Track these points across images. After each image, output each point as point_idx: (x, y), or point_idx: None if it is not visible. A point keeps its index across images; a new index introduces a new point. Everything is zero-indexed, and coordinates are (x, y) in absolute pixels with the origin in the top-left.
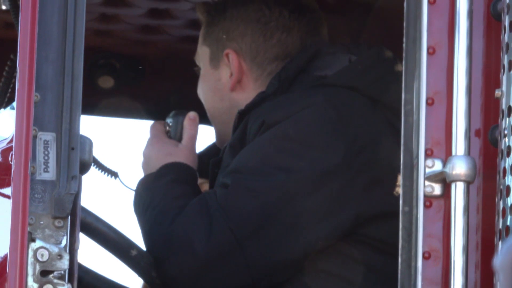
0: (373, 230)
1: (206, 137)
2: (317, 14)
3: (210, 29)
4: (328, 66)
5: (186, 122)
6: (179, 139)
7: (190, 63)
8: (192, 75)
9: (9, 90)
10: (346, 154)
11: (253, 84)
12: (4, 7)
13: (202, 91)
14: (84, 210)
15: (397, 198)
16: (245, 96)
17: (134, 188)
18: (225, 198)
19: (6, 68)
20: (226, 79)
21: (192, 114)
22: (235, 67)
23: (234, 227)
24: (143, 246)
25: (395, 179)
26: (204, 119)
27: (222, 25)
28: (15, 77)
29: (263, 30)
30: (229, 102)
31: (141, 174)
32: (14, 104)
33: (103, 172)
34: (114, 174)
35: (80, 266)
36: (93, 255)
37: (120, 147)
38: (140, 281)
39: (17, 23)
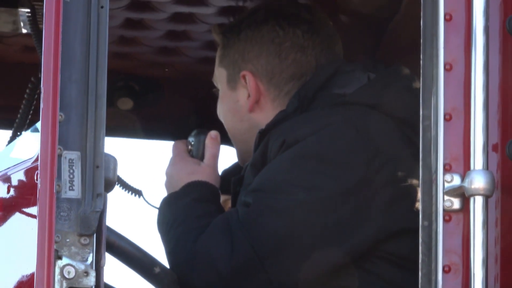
0: (394, 246)
1: (227, 156)
2: (331, 32)
3: (226, 51)
4: (347, 84)
5: (208, 141)
6: (201, 157)
7: (208, 84)
8: (210, 96)
9: (31, 112)
10: (367, 172)
11: (271, 104)
12: (25, 31)
13: (222, 112)
14: (108, 228)
15: (417, 214)
16: (264, 116)
17: (158, 206)
18: (247, 216)
19: (27, 90)
20: (244, 100)
21: (213, 133)
22: (252, 89)
23: (256, 246)
24: (166, 264)
25: (415, 195)
26: (224, 138)
27: (237, 47)
28: (36, 100)
29: (278, 50)
30: (249, 123)
31: (164, 193)
32: (37, 125)
33: (127, 191)
34: (138, 192)
35: (106, 285)
36: (117, 274)
37: (143, 167)
38: None
39: (39, 45)
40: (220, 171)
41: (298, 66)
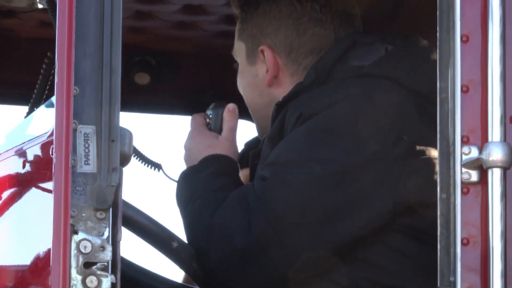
0: (412, 219)
1: (245, 130)
2: (349, 5)
3: (244, 25)
4: (364, 56)
5: (226, 114)
6: (219, 131)
7: (225, 58)
8: (227, 70)
9: (47, 87)
10: (383, 145)
11: (290, 79)
12: (41, 6)
13: (242, 87)
14: (125, 203)
15: (434, 187)
16: (283, 90)
17: (177, 179)
18: (263, 190)
19: (44, 66)
20: (263, 75)
21: (231, 106)
22: (270, 63)
23: (273, 220)
24: (184, 239)
25: (433, 168)
26: (243, 112)
27: (255, 21)
28: (52, 75)
29: (296, 25)
30: (268, 97)
31: (183, 167)
32: (52, 99)
33: (146, 164)
34: (157, 166)
35: (123, 260)
36: (135, 248)
37: (162, 142)
38: (181, 274)
39: (54, 20)
40: (239, 145)
41: (316, 41)
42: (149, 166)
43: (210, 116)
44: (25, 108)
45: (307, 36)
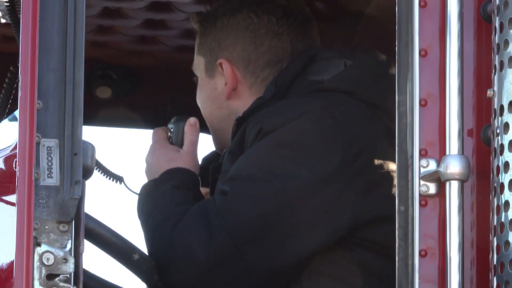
0: (371, 233)
1: (206, 144)
2: (307, 18)
3: (203, 39)
4: (324, 70)
5: (187, 128)
6: (181, 144)
7: (186, 72)
8: (188, 84)
9: (10, 101)
10: (343, 160)
11: (248, 91)
12: (3, 20)
13: (200, 100)
14: (87, 216)
15: (393, 201)
16: (242, 103)
17: (138, 192)
18: (223, 205)
19: (7, 80)
20: (221, 88)
21: (192, 120)
22: (229, 76)
23: (233, 234)
24: (145, 251)
25: (391, 182)
26: (203, 127)
27: (213, 35)
28: (15, 89)
29: (253, 37)
30: (227, 110)
31: (144, 180)
32: (16, 113)
33: (108, 177)
34: (119, 178)
35: (85, 272)
36: (96, 260)
37: (123, 156)
38: (143, 286)
39: (18, 35)
40: (199, 159)
41: (273, 53)
42: (111, 178)
43: (172, 130)
44: None
45: (264, 48)
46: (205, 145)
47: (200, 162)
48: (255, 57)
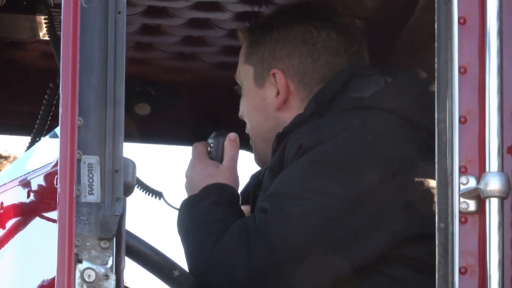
0: (411, 250)
1: (246, 160)
2: (360, 36)
3: (254, 48)
4: (364, 87)
5: (227, 143)
6: (220, 159)
7: (224, 88)
8: (226, 101)
9: (49, 118)
10: (382, 177)
11: (299, 104)
12: (43, 37)
13: (246, 110)
14: (127, 232)
15: (433, 218)
16: (290, 115)
17: (178, 207)
18: (264, 223)
19: (46, 96)
20: (272, 98)
21: (232, 135)
22: (282, 87)
23: (274, 252)
24: (185, 267)
25: (431, 199)
26: (242, 143)
27: (268, 45)
28: (54, 105)
29: (311, 51)
30: (274, 121)
31: (184, 195)
32: (56, 130)
33: (147, 193)
34: (158, 194)
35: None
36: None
37: (162, 172)
38: None
39: (57, 51)
40: (240, 174)
41: (330, 68)
42: (151, 194)
43: (211, 145)
44: (28, 139)
45: (321, 63)
46: (246, 161)
47: (248, 179)
48: (311, 70)
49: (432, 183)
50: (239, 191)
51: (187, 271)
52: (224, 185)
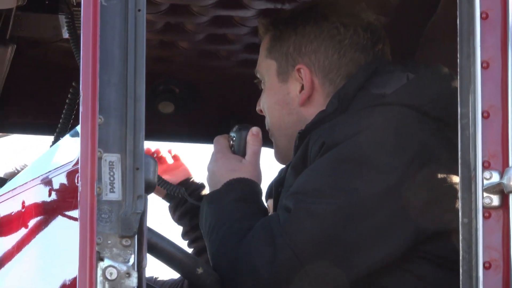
0: (434, 246)
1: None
2: (384, 35)
3: (278, 43)
4: (386, 84)
5: (250, 138)
6: (243, 154)
7: (247, 86)
8: (249, 98)
9: (73, 116)
10: (405, 173)
11: (323, 100)
12: (66, 36)
13: (267, 105)
14: (149, 230)
15: (456, 214)
16: (314, 111)
17: (200, 203)
18: (287, 222)
19: (69, 95)
20: (295, 93)
21: (255, 130)
22: (307, 82)
23: (298, 251)
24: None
25: (454, 195)
26: (265, 139)
27: (292, 40)
28: (77, 104)
29: (338, 47)
30: (297, 116)
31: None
32: (77, 128)
33: (168, 189)
34: (179, 191)
35: (148, 286)
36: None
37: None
38: None
39: (77, 50)
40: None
41: (355, 65)
42: (172, 192)
43: (234, 138)
44: (51, 138)
45: (347, 59)
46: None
47: (277, 174)
48: (337, 66)
49: (455, 178)
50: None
51: (211, 268)
52: (247, 180)
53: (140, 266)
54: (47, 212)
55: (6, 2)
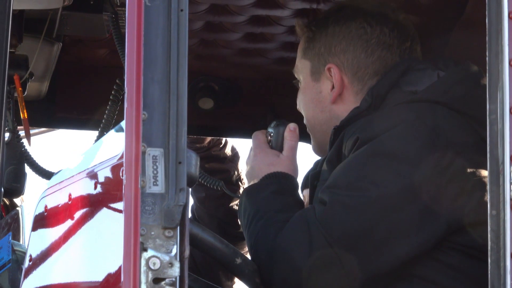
0: (465, 237)
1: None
2: (413, 32)
3: (311, 44)
4: (418, 81)
5: (287, 133)
6: (280, 149)
7: (284, 83)
8: (286, 95)
9: (116, 112)
10: (437, 167)
11: (353, 97)
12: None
13: (303, 103)
14: (190, 221)
15: (485, 205)
16: (345, 108)
17: (238, 195)
18: (323, 214)
19: (113, 92)
20: (327, 92)
21: (292, 126)
22: (337, 81)
23: (333, 242)
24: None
25: (484, 188)
26: (302, 134)
27: (324, 40)
28: (121, 100)
29: (365, 46)
30: (329, 114)
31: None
32: (122, 124)
33: (208, 182)
34: (218, 183)
35: (189, 275)
36: None
37: None
38: None
39: (121, 49)
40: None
41: (383, 63)
42: (211, 184)
43: (271, 134)
44: (96, 133)
45: (374, 58)
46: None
47: (312, 165)
48: (365, 65)
49: (484, 172)
50: (302, 176)
51: (249, 258)
52: (285, 174)
53: (182, 256)
54: (93, 204)
55: (53, 2)
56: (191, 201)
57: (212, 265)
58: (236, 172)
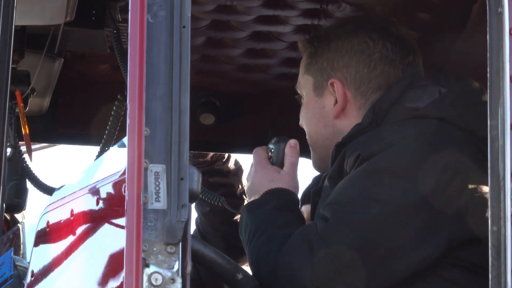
0: (466, 253)
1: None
2: (415, 48)
3: (314, 59)
4: (419, 98)
5: (288, 149)
6: (281, 165)
7: (285, 99)
8: (287, 110)
9: (117, 127)
10: (438, 184)
11: (356, 112)
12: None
13: (306, 118)
14: (192, 237)
15: (487, 222)
16: (348, 123)
17: (239, 211)
18: (325, 231)
19: (114, 107)
20: (330, 107)
21: (293, 142)
22: (340, 96)
23: (335, 259)
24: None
25: (485, 204)
26: (303, 150)
27: (326, 56)
28: (122, 116)
29: (367, 61)
30: (332, 129)
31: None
32: (124, 140)
33: (209, 198)
34: (219, 199)
35: None
36: None
37: None
38: None
39: (123, 64)
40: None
41: (385, 78)
42: (212, 200)
43: (272, 150)
44: (97, 148)
45: (377, 72)
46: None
47: (311, 181)
48: (368, 80)
49: (485, 188)
50: (301, 192)
51: (250, 274)
52: (285, 190)
53: (184, 272)
54: (95, 220)
55: (55, 18)
56: (196, 215)
57: (216, 278)
58: (240, 186)
